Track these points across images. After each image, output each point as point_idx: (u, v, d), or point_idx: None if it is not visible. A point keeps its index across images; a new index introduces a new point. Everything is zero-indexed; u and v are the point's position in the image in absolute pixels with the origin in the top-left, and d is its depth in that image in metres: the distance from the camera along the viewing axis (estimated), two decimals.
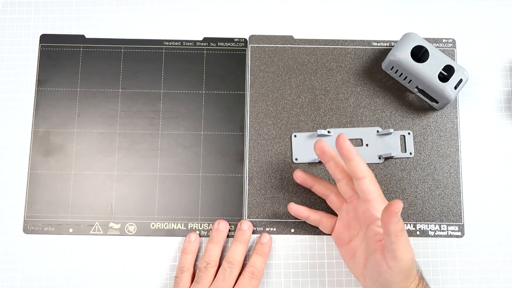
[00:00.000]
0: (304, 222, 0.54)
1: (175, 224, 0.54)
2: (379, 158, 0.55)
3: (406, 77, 0.54)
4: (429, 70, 0.52)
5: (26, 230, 0.54)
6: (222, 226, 0.53)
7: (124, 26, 0.58)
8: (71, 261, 0.53)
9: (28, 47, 0.57)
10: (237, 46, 0.57)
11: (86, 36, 0.57)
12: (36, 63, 0.57)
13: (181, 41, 0.57)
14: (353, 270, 0.49)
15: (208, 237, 0.53)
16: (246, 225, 0.53)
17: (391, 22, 0.58)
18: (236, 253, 0.51)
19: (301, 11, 0.58)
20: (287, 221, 0.54)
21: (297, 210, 0.52)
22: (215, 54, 0.57)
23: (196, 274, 0.51)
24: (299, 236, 0.54)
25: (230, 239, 0.53)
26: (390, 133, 0.55)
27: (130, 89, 0.56)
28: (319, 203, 0.54)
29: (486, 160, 0.55)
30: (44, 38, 0.57)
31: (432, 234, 0.54)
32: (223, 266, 0.50)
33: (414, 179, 0.55)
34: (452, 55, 0.57)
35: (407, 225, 0.54)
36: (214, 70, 0.57)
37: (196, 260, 0.53)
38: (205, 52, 0.57)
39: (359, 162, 0.47)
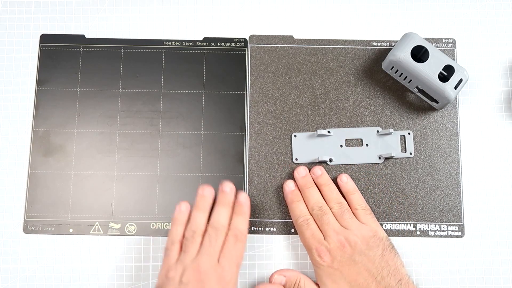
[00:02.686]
0: None
1: None
2: (379, 158, 0.55)
3: (406, 77, 0.54)
4: (429, 70, 0.52)
5: (26, 230, 0.54)
6: (207, 192, 0.51)
7: (124, 26, 0.58)
8: (71, 261, 0.53)
9: (28, 47, 0.57)
10: (237, 46, 0.57)
11: (86, 36, 0.57)
12: (36, 63, 0.57)
13: (181, 41, 0.57)
14: None
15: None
16: (228, 187, 0.51)
17: (391, 22, 0.58)
18: (220, 217, 0.50)
19: (301, 11, 0.58)
20: (287, 221, 0.54)
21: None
22: (215, 54, 0.57)
23: (184, 243, 0.49)
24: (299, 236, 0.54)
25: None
26: (390, 133, 0.55)
27: (130, 89, 0.56)
28: None
29: (486, 160, 0.55)
30: (44, 38, 0.57)
31: (432, 234, 0.54)
32: (208, 232, 0.49)
33: (414, 179, 0.55)
34: (452, 55, 0.57)
35: (407, 225, 0.54)
36: (214, 70, 0.57)
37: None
38: (205, 52, 0.57)
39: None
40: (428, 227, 0.54)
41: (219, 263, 0.47)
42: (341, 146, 0.55)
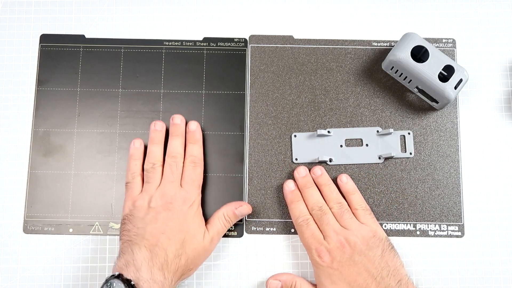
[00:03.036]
0: None
1: None
2: (379, 158, 0.55)
3: (406, 77, 0.54)
4: (429, 70, 0.52)
5: (26, 230, 0.54)
6: (159, 126, 0.54)
7: (124, 26, 0.58)
8: (71, 261, 0.53)
9: (28, 47, 0.57)
10: (237, 46, 0.57)
11: (86, 36, 0.57)
12: (36, 63, 0.57)
13: (181, 41, 0.57)
14: None
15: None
16: (178, 119, 0.54)
17: (391, 22, 0.58)
18: (176, 147, 0.53)
19: (301, 11, 0.58)
20: (287, 221, 0.54)
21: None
22: (215, 54, 0.57)
23: (145, 175, 0.52)
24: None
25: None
26: (390, 133, 0.55)
27: (130, 89, 0.56)
28: None
29: (486, 160, 0.55)
30: (44, 38, 0.57)
31: (432, 234, 0.54)
32: (167, 162, 0.52)
33: (414, 179, 0.55)
34: (452, 55, 0.57)
35: (407, 225, 0.54)
36: (214, 70, 0.57)
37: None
38: (205, 52, 0.57)
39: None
40: (428, 227, 0.54)
41: (182, 187, 0.51)
42: (341, 146, 0.55)
